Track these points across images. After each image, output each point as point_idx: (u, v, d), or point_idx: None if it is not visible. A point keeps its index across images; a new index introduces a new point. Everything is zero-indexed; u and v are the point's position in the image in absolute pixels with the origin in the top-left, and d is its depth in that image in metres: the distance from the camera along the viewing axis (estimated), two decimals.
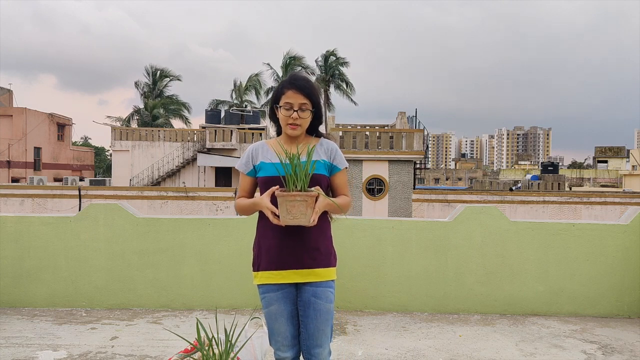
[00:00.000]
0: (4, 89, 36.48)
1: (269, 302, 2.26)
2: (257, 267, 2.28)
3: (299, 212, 2.01)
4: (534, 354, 3.77)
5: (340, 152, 2.32)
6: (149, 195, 17.48)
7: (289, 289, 2.25)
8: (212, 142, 28.27)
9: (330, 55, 39.31)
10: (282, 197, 2.02)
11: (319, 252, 2.23)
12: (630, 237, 4.76)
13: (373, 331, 4.20)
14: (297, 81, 2.24)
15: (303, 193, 2.02)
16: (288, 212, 2.01)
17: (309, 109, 2.23)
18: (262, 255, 2.26)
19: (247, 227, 4.77)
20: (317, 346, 2.25)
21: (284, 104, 2.22)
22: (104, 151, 62.12)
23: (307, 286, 2.23)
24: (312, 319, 2.23)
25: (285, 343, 2.27)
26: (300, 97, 2.21)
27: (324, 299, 2.23)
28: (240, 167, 2.32)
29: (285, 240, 2.19)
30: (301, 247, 2.20)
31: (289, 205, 2.01)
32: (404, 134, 18.79)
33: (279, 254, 2.21)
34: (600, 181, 51.41)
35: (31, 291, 4.79)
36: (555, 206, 18.13)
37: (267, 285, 2.25)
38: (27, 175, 30.40)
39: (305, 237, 2.19)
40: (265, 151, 2.30)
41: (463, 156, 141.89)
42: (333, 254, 2.31)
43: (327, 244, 2.28)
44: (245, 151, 2.35)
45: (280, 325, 2.26)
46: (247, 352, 2.69)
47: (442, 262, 4.78)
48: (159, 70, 42.45)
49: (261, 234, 2.28)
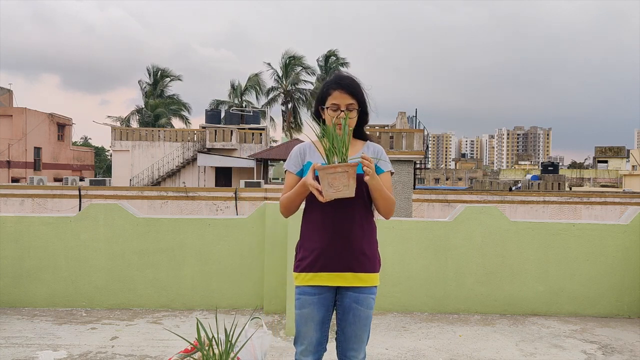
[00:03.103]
0: (4, 89, 36.46)
1: (302, 304, 2.21)
2: (300, 268, 2.23)
3: (341, 184, 1.97)
4: (534, 354, 3.77)
5: (386, 155, 2.28)
6: (149, 195, 17.46)
7: (327, 294, 2.20)
8: (212, 142, 28.30)
9: (331, 55, 39.35)
10: (323, 170, 1.97)
11: (365, 256, 2.18)
12: (630, 237, 4.76)
13: (373, 331, 4.18)
14: (343, 80, 2.19)
15: (343, 164, 1.97)
16: (330, 185, 1.97)
17: (355, 108, 2.19)
18: (306, 257, 2.21)
19: (247, 227, 4.77)
20: (352, 349, 2.23)
21: (331, 105, 2.18)
22: (104, 151, 62.12)
23: (350, 291, 2.18)
24: (350, 324, 2.20)
25: (310, 348, 2.23)
26: (347, 98, 2.17)
27: (365, 305, 2.19)
28: (289, 167, 2.26)
29: (332, 242, 2.15)
30: (348, 250, 2.15)
31: (330, 178, 1.96)
32: (404, 134, 18.78)
33: (324, 256, 2.16)
34: (600, 181, 51.38)
35: (31, 291, 4.79)
36: (555, 206, 18.12)
37: (305, 287, 2.20)
38: (27, 175, 30.37)
39: (352, 240, 2.15)
40: (312, 152, 2.25)
41: (463, 156, 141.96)
42: (378, 259, 2.27)
43: (374, 248, 2.24)
44: (292, 151, 2.29)
45: (308, 329, 2.21)
46: (247, 352, 2.69)
47: (442, 262, 4.78)
48: (160, 70, 42.49)
49: (307, 236, 2.24)
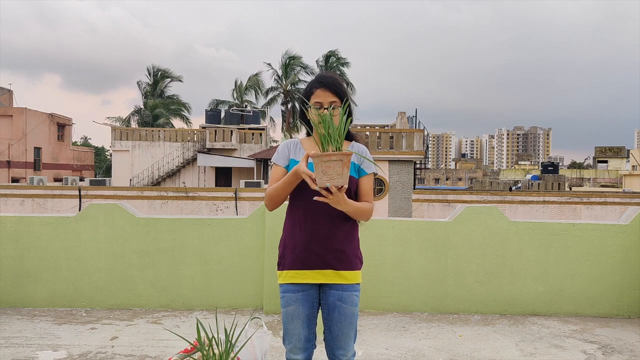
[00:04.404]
0: (4, 89, 36.45)
1: (287, 302, 2.23)
2: (282, 266, 2.25)
3: (335, 172, 1.96)
4: (534, 354, 3.77)
5: (370, 156, 2.28)
6: (149, 195, 17.46)
7: (310, 291, 2.23)
8: (212, 142, 28.30)
9: (331, 55, 39.32)
10: (318, 157, 1.97)
11: (344, 253, 2.21)
12: (630, 237, 4.76)
13: (373, 331, 4.20)
14: (325, 79, 2.24)
15: (338, 152, 1.97)
16: (324, 173, 1.97)
17: (339, 106, 2.21)
18: (287, 254, 2.23)
19: (247, 227, 4.78)
20: (340, 348, 2.25)
21: (314, 104, 2.22)
22: (104, 151, 62.12)
23: (333, 289, 2.21)
24: (336, 322, 2.22)
25: (298, 345, 2.25)
26: (330, 95, 2.20)
27: (350, 302, 2.22)
28: (277, 161, 2.28)
29: (312, 240, 2.18)
30: (327, 247, 2.18)
31: (324, 166, 1.96)
32: (404, 134, 18.77)
33: (304, 253, 2.19)
34: (600, 181, 51.37)
35: (31, 291, 4.79)
36: (555, 206, 18.12)
37: (288, 285, 2.22)
38: (27, 175, 30.36)
39: (332, 238, 2.18)
40: (298, 149, 2.28)
41: (463, 156, 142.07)
42: (359, 257, 2.28)
43: (354, 247, 2.26)
44: (280, 146, 2.32)
45: (295, 327, 2.23)
46: (247, 352, 2.69)
47: (442, 262, 4.78)
48: (160, 70, 42.49)
49: (288, 233, 2.26)
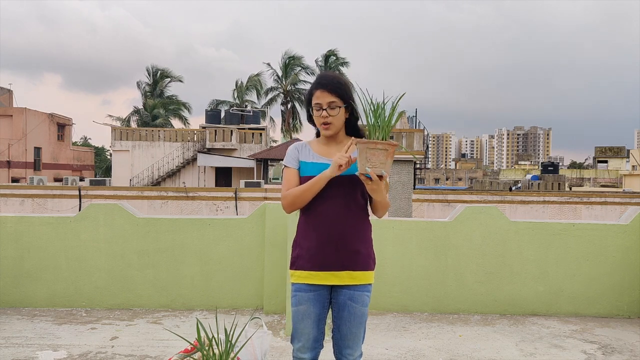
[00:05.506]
0: (4, 89, 36.44)
1: (298, 301, 2.24)
2: (296, 266, 2.26)
3: (379, 161, 1.97)
4: (534, 354, 3.77)
5: None
6: (149, 196, 17.44)
7: (322, 291, 2.23)
8: (212, 142, 28.29)
9: (331, 55, 39.30)
10: (364, 144, 1.96)
11: (359, 254, 2.22)
12: (630, 237, 4.76)
13: (373, 331, 4.19)
14: (323, 79, 2.24)
15: (385, 142, 1.97)
16: (368, 160, 1.97)
17: (338, 106, 2.21)
18: (301, 255, 2.24)
19: (247, 227, 4.78)
20: (348, 347, 2.25)
21: (315, 105, 2.22)
22: (104, 151, 62.08)
23: (344, 289, 2.22)
24: (346, 322, 2.23)
25: (307, 345, 2.26)
26: (328, 96, 2.20)
27: (360, 302, 2.22)
28: (288, 163, 2.29)
29: (328, 241, 2.18)
30: (342, 248, 2.19)
31: (369, 153, 1.96)
32: (404, 134, 18.76)
33: (318, 254, 2.19)
34: (601, 181, 51.35)
35: (31, 291, 4.79)
36: (555, 206, 18.10)
37: (301, 284, 2.24)
38: (27, 175, 30.34)
39: (347, 239, 2.19)
40: (307, 151, 2.30)
41: (463, 156, 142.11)
42: (372, 257, 2.30)
43: (368, 247, 2.28)
44: (289, 149, 2.33)
45: (305, 326, 2.24)
46: (247, 352, 2.69)
47: (442, 262, 4.78)
48: (159, 70, 42.46)
49: (302, 234, 2.27)
